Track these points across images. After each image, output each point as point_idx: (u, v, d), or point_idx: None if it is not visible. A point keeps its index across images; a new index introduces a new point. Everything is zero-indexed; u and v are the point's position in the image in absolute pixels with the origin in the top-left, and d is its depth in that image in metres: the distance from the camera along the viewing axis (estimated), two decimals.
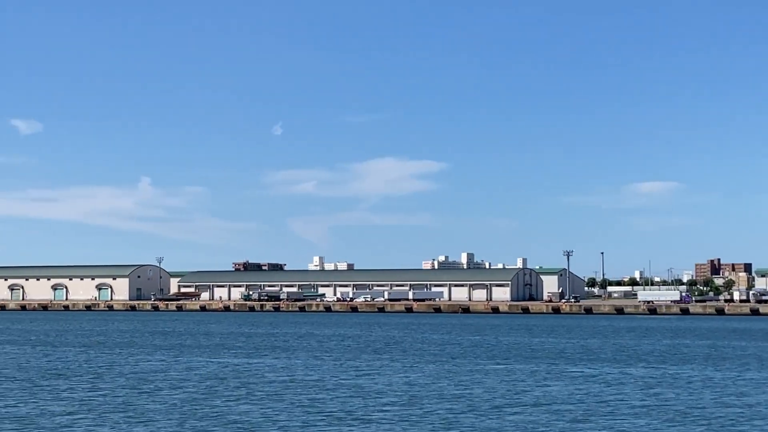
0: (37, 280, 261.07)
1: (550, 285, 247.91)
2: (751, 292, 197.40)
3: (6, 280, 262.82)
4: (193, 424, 38.66)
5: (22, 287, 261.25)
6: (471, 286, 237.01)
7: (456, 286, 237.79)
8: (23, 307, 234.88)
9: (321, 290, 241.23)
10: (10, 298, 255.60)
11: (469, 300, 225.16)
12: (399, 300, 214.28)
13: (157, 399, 46.53)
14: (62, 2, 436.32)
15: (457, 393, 49.57)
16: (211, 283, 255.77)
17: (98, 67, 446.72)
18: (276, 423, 39.20)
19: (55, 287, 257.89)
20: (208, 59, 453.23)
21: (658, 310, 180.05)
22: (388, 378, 57.42)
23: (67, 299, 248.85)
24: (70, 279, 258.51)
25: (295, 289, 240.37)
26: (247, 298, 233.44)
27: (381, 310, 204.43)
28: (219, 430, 37.52)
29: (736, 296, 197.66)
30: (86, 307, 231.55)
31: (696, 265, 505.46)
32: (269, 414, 41.54)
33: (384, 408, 43.78)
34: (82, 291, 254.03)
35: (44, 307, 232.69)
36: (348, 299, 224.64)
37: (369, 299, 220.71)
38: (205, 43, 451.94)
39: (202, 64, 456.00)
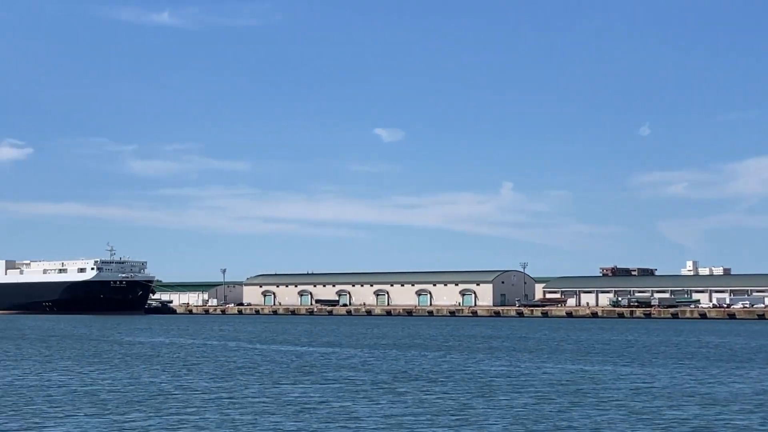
0: (402, 285, 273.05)
1: None
2: None
3: (372, 285, 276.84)
4: (518, 428, 40.34)
5: (387, 293, 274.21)
6: None
7: None
8: (388, 313, 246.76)
9: (695, 296, 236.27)
10: (375, 303, 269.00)
11: None
12: None
13: (493, 402, 48.52)
14: (419, 10, 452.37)
15: None
16: (578, 289, 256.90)
17: (454, 73, 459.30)
18: (602, 429, 40.17)
19: (419, 293, 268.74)
20: (569, 60, 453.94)
21: None
22: (740, 386, 56.63)
23: (431, 305, 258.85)
24: (434, 285, 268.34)
25: (667, 295, 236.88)
26: (615, 304, 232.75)
27: (761, 317, 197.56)
28: None
29: None
30: (450, 312, 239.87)
31: None
32: (600, 420, 42.42)
33: (723, 417, 43.56)
34: (445, 297, 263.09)
35: (409, 313, 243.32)
36: (724, 306, 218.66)
37: (748, 306, 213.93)
38: (562, 45, 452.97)
39: (565, 65, 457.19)
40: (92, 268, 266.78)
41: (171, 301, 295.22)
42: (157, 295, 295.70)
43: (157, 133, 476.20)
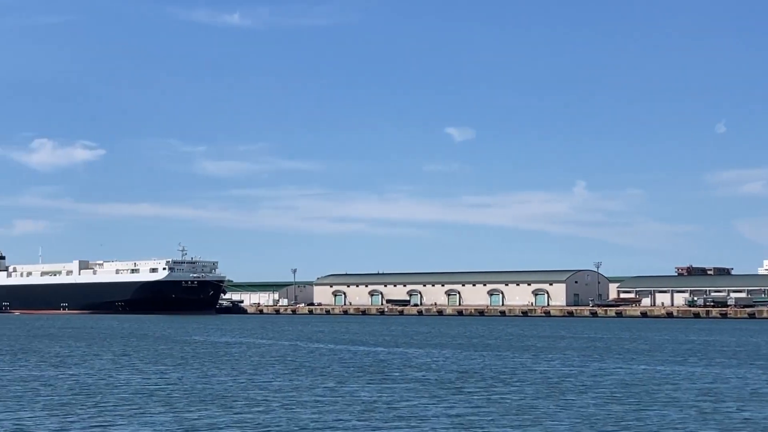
0: (473, 285, 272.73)
1: None
2: None
3: (443, 285, 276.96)
4: (585, 428, 40.46)
5: (459, 293, 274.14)
6: None
7: None
8: (459, 312, 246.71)
9: None
10: (447, 303, 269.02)
11: None
12: None
13: (558, 403, 48.60)
14: (486, 10, 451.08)
15: None
16: (652, 288, 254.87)
17: (525, 71, 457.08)
18: (666, 428, 40.20)
19: (491, 293, 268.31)
20: (642, 58, 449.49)
21: None
22: None
23: (503, 305, 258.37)
24: (506, 284, 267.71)
25: (743, 295, 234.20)
26: (691, 304, 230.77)
27: None
28: None
29: None
30: (522, 312, 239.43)
31: None
32: (669, 421, 42.40)
33: None
34: (518, 296, 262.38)
35: (480, 313, 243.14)
36: None
37: None
38: (636, 43, 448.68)
39: (638, 63, 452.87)
40: (164, 268, 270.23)
41: (242, 301, 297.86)
42: (228, 295, 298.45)
43: (229, 133, 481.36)
